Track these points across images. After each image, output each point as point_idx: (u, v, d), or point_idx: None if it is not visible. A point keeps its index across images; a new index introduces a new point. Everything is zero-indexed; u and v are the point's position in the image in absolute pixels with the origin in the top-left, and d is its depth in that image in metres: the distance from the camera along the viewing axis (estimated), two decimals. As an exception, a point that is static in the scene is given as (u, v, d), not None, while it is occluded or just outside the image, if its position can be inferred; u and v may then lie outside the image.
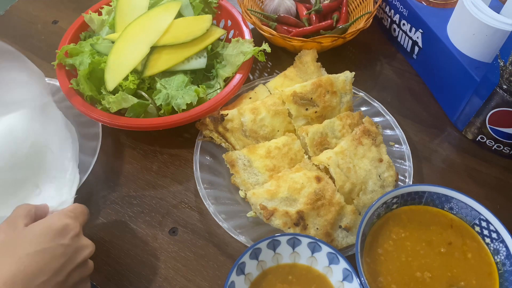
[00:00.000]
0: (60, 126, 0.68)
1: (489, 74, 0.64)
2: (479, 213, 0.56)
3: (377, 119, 0.73)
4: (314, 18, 0.88)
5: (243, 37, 0.79)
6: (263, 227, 0.63)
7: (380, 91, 0.82)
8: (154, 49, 0.74)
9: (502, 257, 0.54)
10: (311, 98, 0.69)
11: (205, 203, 0.63)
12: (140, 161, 0.74)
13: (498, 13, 0.66)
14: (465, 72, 0.70)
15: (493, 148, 0.73)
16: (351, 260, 0.54)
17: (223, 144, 0.70)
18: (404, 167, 0.68)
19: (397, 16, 0.84)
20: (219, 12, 0.86)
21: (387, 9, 0.87)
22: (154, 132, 0.76)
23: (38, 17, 0.98)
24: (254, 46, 0.76)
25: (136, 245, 0.65)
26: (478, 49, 0.69)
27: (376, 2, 0.85)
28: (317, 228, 0.59)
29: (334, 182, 0.62)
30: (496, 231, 0.55)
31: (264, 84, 0.76)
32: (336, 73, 0.73)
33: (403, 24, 0.83)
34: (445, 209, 0.59)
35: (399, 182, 0.67)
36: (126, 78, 0.71)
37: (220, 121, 0.68)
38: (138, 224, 0.67)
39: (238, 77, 0.73)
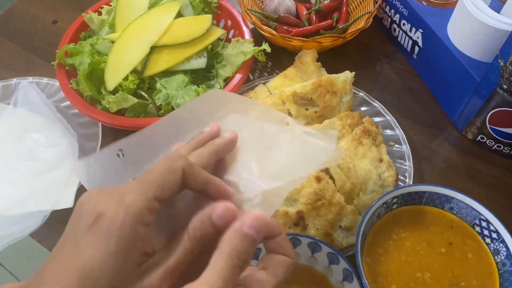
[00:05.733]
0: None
1: (489, 74, 0.64)
2: (479, 213, 0.56)
3: (377, 119, 0.73)
4: (314, 18, 0.88)
5: (243, 37, 0.79)
6: (263, 227, 0.63)
7: (380, 91, 0.82)
8: (154, 49, 0.74)
9: (502, 257, 0.54)
10: (311, 98, 0.69)
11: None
12: (140, 161, 0.74)
13: (498, 13, 0.66)
14: (465, 72, 0.70)
15: (493, 148, 0.73)
16: (351, 260, 0.54)
17: (223, 144, 0.70)
18: (404, 167, 0.68)
19: (397, 16, 0.84)
20: (219, 12, 0.86)
21: (387, 9, 0.87)
22: (154, 132, 0.76)
23: (38, 17, 0.98)
24: (254, 46, 0.76)
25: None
26: (478, 49, 0.69)
27: (376, 2, 0.85)
28: (317, 228, 0.59)
29: (334, 182, 0.62)
30: (496, 231, 0.55)
31: (264, 84, 0.76)
32: (336, 73, 0.73)
33: (403, 24, 0.83)
34: (445, 209, 0.59)
35: (399, 182, 0.67)
36: (126, 78, 0.71)
37: (220, 121, 0.68)
38: (138, 224, 0.67)
39: (238, 77, 0.73)
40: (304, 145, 0.40)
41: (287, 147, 0.40)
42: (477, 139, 0.73)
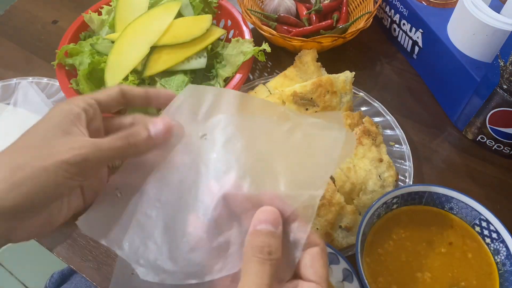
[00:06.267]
0: None
1: (489, 74, 0.64)
2: (479, 213, 0.56)
3: (377, 119, 0.73)
4: (314, 18, 0.88)
5: (243, 37, 0.79)
6: (263, 227, 0.63)
7: (380, 91, 0.82)
8: (154, 49, 0.74)
9: (502, 257, 0.54)
10: (311, 98, 0.69)
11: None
12: (140, 161, 0.74)
13: (498, 13, 0.66)
14: (465, 72, 0.70)
15: (493, 148, 0.73)
16: (351, 260, 0.54)
17: (223, 144, 0.70)
18: (404, 167, 0.68)
19: (397, 16, 0.84)
20: (219, 12, 0.86)
21: (387, 9, 0.87)
22: (154, 132, 0.76)
23: (38, 17, 0.98)
24: (254, 46, 0.76)
25: (136, 245, 0.65)
26: (478, 49, 0.69)
27: (376, 2, 0.85)
28: (317, 228, 0.59)
29: (334, 182, 0.62)
30: (496, 231, 0.55)
31: (264, 84, 0.76)
32: (336, 73, 0.73)
33: (403, 24, 0.83)
34: (445, 209, 0.59)
35: (399, 182, 0.67)
36: (126, 78, 0.71)
37: (220, 121, 0.68)
38: (138, 224, 0.67)
39: (238, 77, 0.73)
40: (316, 141, 0.38)
41: (301, 148, 0.38)
42: (477, 139, 0.73)
